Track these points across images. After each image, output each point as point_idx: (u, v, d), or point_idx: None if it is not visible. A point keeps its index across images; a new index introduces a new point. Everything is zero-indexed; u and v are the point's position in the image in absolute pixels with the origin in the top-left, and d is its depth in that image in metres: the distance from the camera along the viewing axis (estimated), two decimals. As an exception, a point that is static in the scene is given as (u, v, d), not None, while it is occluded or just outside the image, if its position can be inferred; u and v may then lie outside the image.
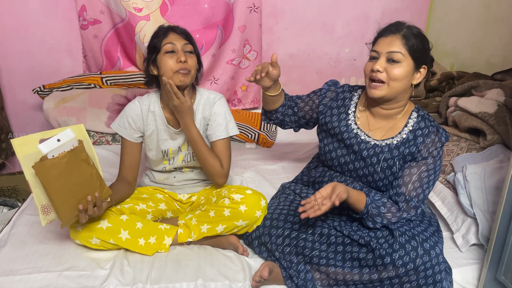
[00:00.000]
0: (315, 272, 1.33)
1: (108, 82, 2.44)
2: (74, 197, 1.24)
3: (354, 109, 1.49)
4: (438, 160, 1.37)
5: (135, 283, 1.30)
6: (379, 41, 1.35)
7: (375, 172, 1.41)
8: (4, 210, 2.28)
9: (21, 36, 2.46)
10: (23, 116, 2.66)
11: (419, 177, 1.35)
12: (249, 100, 2.79)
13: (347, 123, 1.47)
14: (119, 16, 2.40)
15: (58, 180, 1.20)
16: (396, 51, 1.30)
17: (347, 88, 1.54)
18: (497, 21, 2.18)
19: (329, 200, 1.23)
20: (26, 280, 1.30)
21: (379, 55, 1.33)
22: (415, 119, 1.41)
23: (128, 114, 1.53)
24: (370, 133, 1.44)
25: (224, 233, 1.46)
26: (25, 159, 1.19)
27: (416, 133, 1.39)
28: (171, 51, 1.44)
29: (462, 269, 1.40)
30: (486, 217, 1.46)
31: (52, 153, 1.17)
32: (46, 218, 1.26)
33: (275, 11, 2.63)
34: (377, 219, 1.33)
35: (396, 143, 1.40)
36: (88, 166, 1.27)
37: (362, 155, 1.43)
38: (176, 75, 1.43)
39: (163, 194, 1.64)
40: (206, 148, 1.51)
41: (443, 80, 2.32)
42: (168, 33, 1.46)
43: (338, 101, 1.52)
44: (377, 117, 1.44)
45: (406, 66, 1.31)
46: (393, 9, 2.71)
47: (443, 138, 1.37)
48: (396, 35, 1.31)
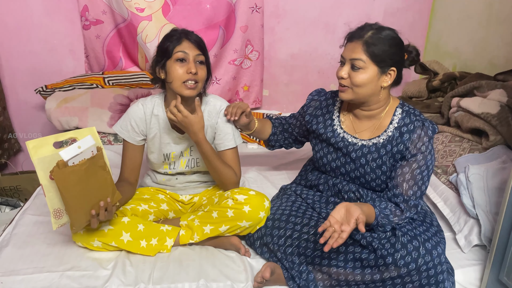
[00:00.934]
0: (317, 272, 1.33)
1: (110, 82, 2.44)
2: (88, 202, 1.25)
3: (338, 114, 1.50)
4: (428, 155, 1.35)
5: (137, 283, 1.30)
6: (346, 46, 1.36)
7: (366, 173, 1.42)
8: (7, 210, 2.29)
9: (23, 36, 2.46)
10: (25, 116, 2.66)
11: (412, 175, 1.34)
12: (251, 100, 2.79)
13: (333, 128, 1.49)
14: (121, 16, 2.41)
15: (75, 187, 1.19)
16: (357, 58, 1.30)
17: (330, 95, 1.57)
18: (500, 21, 2.17)
19: (348, 226, 1.17)
20: (28, 280, 1.30)
21: (344, 60, 1.34)
22: (400, 115, 1.40)
23: (131, 117, 1.52)
24: (357, 134, 1.45)
25: (227, 233, 1.45)
26: (39, 162, 1.18)
27: (402, 130, 1.38)
28: (182, 59, 1.41)
29: (464, 270, 1.40)
30: (489, 218, 1.46)
31: (72, 160, 1.16)
32: (58, 222, 1.26)
33: (277, 11, 2.63)
34: (387, 228, 1.33)
35: (383, 141, 1.40)
36: (104, 172, 1.27)
37: (351, 157, 1.44)
38: (183, 86, 1.41)
39: (164, 195, 1.63)
40: (220, 161, 1.51)
41: (445, 80, 2.32)
42: (182, 40, 1.41)
43: (323, 109, 1.54)
44: (360, 118, 1.45)
45: (369, 72, 1.30)
46: (395, 9, 2.71)
47: (429, 131, 1.35)
48: (358, 42, 1.30)
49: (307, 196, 1.55)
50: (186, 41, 1.42)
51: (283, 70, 2.80)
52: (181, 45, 1.41)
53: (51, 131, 2.66)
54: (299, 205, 1.51)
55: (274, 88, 2.86)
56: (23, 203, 2.25)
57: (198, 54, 1.43)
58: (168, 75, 1.42)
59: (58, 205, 1.24)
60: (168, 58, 1.41)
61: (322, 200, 1.52)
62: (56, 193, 1.22)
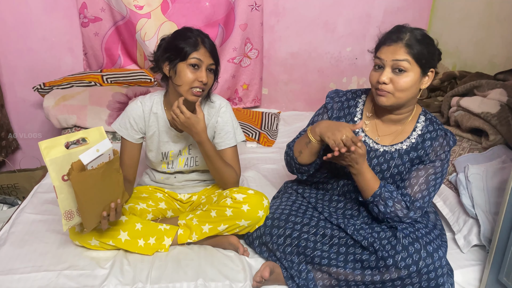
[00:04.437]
0: (316, 272, 1.32)
1: (109, 80, 2.43)
2: (101, 204, 1.25)
3: (360, 116, 1.45)
4: (446, 163, 1.36)
5: (135, 282, 1.30)
6: (382, 49, 1.30)
7: (384, 178, 1.40)
8: (4, 208, 2.28)
9: (21, 34, 2.45)
10: (23, 114, 2.65)
11: (426, 179, 1.34)
12: (250, 99, 2.78)
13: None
14: (120, 14, 2.39)
15: (91, 190, 1.20)
16: (402, 59, 1.25)
17: (350, 95, 1.49)
18: (500, 21, 2.17)
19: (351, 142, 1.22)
20: (26, 279, 1.30)
21: (384, 64, 1.28)
22: (423, 122, 1.40)
23: (130, 115, 1.52)
24: (379, 139, 1.42)
25: (226, 232, 1.45)
26: (51, 163, 1.17)
27: (425, 137, 1.37)
28: (195, 65, 1.40)
29: (463, 271, 1.39)
30: (488, 218, 1.45)
31: (91, 164, 1.16)
32: (68, 223, 1.26)
33: (276, 9, 2.62)
34: (389, 202, 1.31)
35: (406, 148, 1.38)
36: (117, 174, 1.28)
37: (372, 163, 1.41)
38: (190, 91, 1.40)
39: (163, 194, 1.63)
40: (221, 160, 1.51)
41: (445, 79, 2.31)
42: (199, 46, 1.40)
43: (344, 110, 1.47)
44: (386, 122, 1.41)
45: (413, 74, 1.26)
46: (395, 8, 2.70)
47: (451, 142, 1.36)
48: (399, 44, 1.26)
49: (309, 195, 1.54)
50: (203, 48, 1.41)
51: (282, 68, 2.79)
52: (198, 52, 1.40)
53: (49, 129, 2.65)
54: (300, 205, 1.50)
55: (274, 86, 2.85)
56: (21, 201, 2.25)
57: (211, 64, 1.43)
58: (178, 77, 1.41)
59: (69, 207, 1.24)
60: (182, 60, 1.40)
61: (325, 198, 1.50)
62: (68, 195, 1.22)
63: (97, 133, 1.27)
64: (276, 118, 2.63)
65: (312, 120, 1.53)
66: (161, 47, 1.46)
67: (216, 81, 1.51)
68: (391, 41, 1.28)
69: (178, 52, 1.40)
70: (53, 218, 1.58)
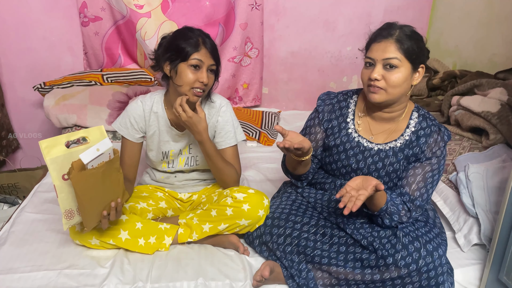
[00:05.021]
0: (316, 271, 1.32)
1: (109, 79, 2.43)
2: (101, 203, 1.25)
3: (353, 116, 1.46)
4: (442, 159, 1.36)
5: (135, 281, 1.30)
6: (372, 47, 1.31)
7: (380, 176, 1.41)
8: (5, 207, 2.28)
9: (21, 33, 2.45)
10: (23, 113, 2.65)
11: (424, 177, 1.34)
12: (250, 98, 2.78)
13: (347, 132, 1.44)
14: (120, 13, 2.39)
15: (92, 189, 1.20)
16: (392, 57, 1.26)
17: (342, 96, 1.50)
18: (500, 20, 2.17)
19: (365, 190, 1.17)
20: (26, 278, 1.30)
21: (374, 62, 1.29)
22: (416, 119, 1.40)
23: (130, 114, 1.52)
24: (373, 138, 1.42)
25: (226, 232, 1.45)
26: (52, 162, 1.17)
27: (419, 134, 1.38)
28: (196, 66, 1.40)
29: (464, 270, 1.40)
30: (488, 217, 1.45)
31: (91, 163, 1.17)
32: (69, 222, 1.26)
33: (276, 8, 2.62)
34: (395, 217, 1.31)
35: (400, 145, 1.39)
36: (118, 173, 1.28)
37: (367, 162, 1.41)
38: (191, 91, 1.40)
39: (163, 193, 1.63)
40: (222, 160, 1.51)
41: (446, 78, 2.31)
42: (200, 47, 1.39)
43: (336, 112, 1.48)
44: (378, 120, 1.42)
45: (404, 70, 1.27)
46: (395, 7, 2.70)
47: (445, 137, 1.36)
48: (390, 40, 1.27)
49: (309, 194, 1.54)
50: (204, 49, 1.40)
51: (282, 68, 2.79)
52: (199, 53, 1.39)
53: (50, 128, 2.65)
54: (300, 204, 1.50)
55: (274, 86, 2.85)
56: (21, 200, 2.25)
57: (212, 64, 1.43)
58: (178, 78, 1.41)
59: (70, 206, 1.24)
60: (183, 61, 1.40)
61: (324, 198, 1.51)
62: (68, 194, 1.22)
63: (97, 132, 1.27)
64: (276, 117, 2.63)
65: (306, 124, 1.54)
66: (162, 46, 1.45)
67: (217, 81, 1.51)
68: (381, 37, 1.29)
69: (179, 52, 1.39)
70: (54, 217, 1.58)
